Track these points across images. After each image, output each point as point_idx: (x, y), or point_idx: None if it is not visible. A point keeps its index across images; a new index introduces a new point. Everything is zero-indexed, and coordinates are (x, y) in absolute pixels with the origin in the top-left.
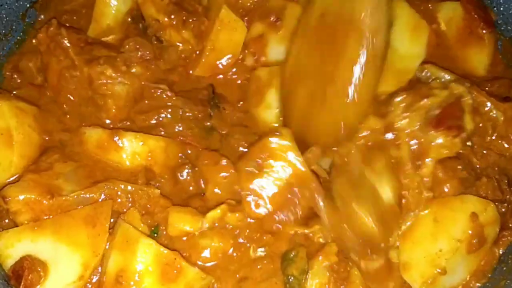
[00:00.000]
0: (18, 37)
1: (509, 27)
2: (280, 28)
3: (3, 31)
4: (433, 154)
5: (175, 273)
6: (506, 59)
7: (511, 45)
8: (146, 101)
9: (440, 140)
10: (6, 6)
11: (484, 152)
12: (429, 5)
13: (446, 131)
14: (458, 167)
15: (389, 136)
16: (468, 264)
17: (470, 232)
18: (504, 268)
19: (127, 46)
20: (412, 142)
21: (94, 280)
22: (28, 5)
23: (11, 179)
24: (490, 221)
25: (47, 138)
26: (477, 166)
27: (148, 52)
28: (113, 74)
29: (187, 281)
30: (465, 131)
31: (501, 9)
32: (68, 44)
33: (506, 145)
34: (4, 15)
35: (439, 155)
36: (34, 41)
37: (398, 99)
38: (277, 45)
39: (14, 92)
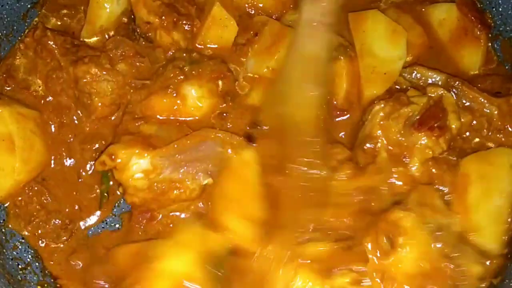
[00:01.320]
0: (20, 38)
1: (507, 28)
2: (256, 42)
3: (4, 32)
4: (418, 156)
5: None
6: (503, 58)
7: (510, 45)
8: None
9: (423, 141)
10: (7, 7)
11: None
12: (422, 9)
13: (428, 132)
14: (453, 158)
15: (368, 145)
16: None
17: None
18: None
19: (110, 45)
20: (389, 147)
21: None
22: (29, 6)
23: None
24: None
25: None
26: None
27: (128, 49)
28: (98, 72)
29: None
30: (449, 130)
31: (500, 9)
32: (54, 46)
33: (503, 139)
34: (5, 16)
35: (425, 155)
36: (21, 45)
37: (376, 108)
38: (252, 57)
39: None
